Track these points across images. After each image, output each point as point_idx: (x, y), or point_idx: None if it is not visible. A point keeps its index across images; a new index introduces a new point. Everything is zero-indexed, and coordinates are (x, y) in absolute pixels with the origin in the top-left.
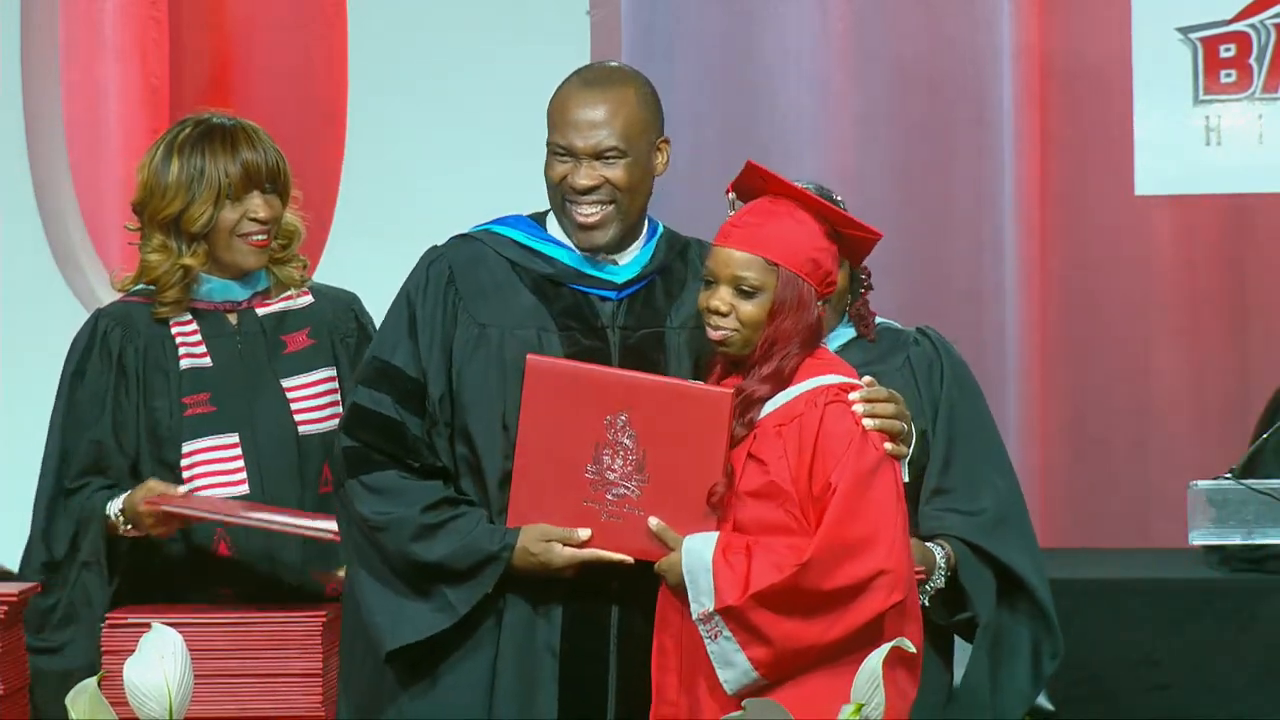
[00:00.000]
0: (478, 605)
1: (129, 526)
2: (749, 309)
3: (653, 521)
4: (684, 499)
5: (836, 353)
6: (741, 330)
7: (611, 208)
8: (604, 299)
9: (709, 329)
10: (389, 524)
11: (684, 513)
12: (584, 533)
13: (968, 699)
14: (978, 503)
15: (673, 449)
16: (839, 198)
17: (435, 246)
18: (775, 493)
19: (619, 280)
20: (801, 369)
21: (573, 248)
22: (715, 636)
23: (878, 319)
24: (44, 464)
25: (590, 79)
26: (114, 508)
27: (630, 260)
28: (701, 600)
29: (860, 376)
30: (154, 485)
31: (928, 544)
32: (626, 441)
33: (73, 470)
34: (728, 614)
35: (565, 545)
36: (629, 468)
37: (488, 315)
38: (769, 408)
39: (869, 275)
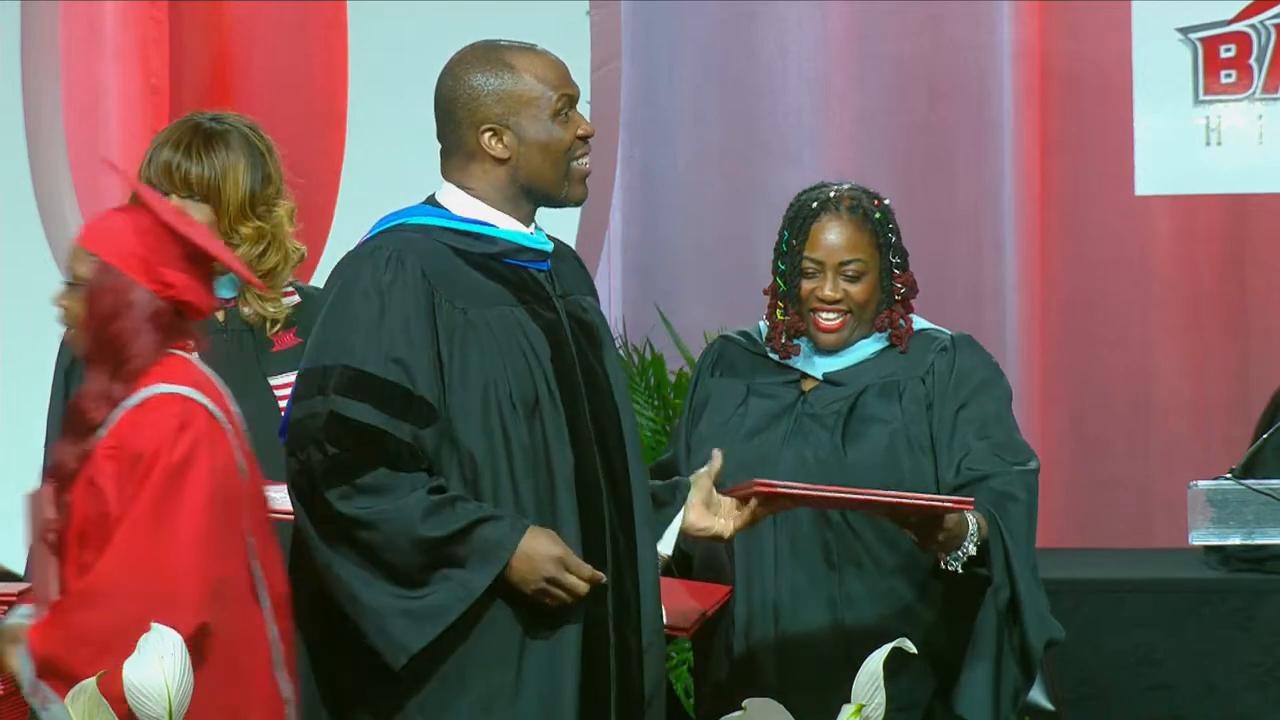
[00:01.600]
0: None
1: None
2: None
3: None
4: None
5: (867, 362)
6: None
7: None
8: (539, 270)
9: None
10: (393, 516)
11: None
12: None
13: (975, 661)
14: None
15: None
16: (886, 201)
17: (376, 244)
18: (109, 524)
19: (549, 249)
20: (148, 379)
21: (495, 224)
22: (45, 704)
23: (920, 324)
24: (48, 460)
25: (529, 46)
26: None
27: (537, 230)
28: (25, 674)
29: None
30: None
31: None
32: None
33: None
34: (41, 672)
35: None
36: None
37: (464, 300)
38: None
39: (907, 286)
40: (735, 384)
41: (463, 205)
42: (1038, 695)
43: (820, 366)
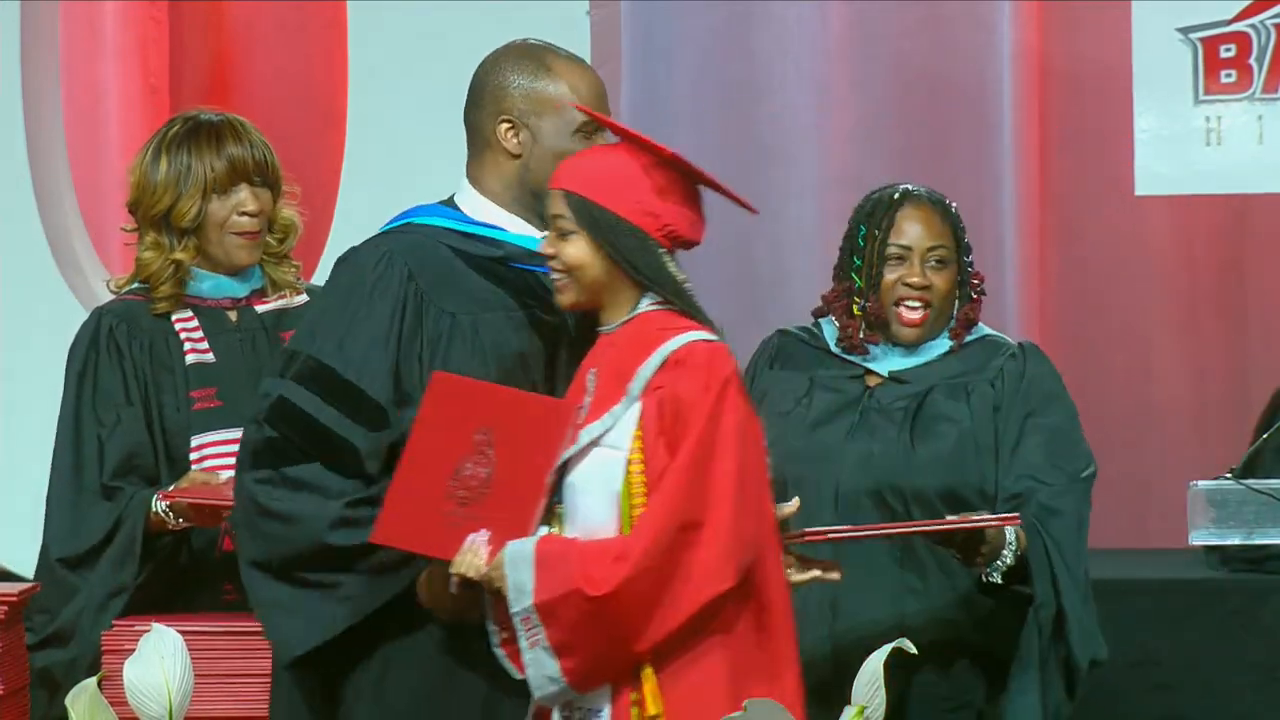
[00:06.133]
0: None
1: (179, 520)
2: None
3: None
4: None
5: (933, 363)
6: None
7: None
8: (543, 274)
9: None
10: (303, 516)
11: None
12: None
13: (1021, 675)
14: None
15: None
16: (953, 205)
17: (375, 243)
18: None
19: None
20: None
21: (504, 228)
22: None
23: (984, 330)
24: (59, 461)
25: (579, 59)
26: (161, 504)
27: None
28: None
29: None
30: (196, 476)
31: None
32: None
33: (108, 469)
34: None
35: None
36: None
37: (454, 304)
38: None
39: (981, 280)
40: (797, 376)
41: (477, 208)
42: None
43: (886, 364)
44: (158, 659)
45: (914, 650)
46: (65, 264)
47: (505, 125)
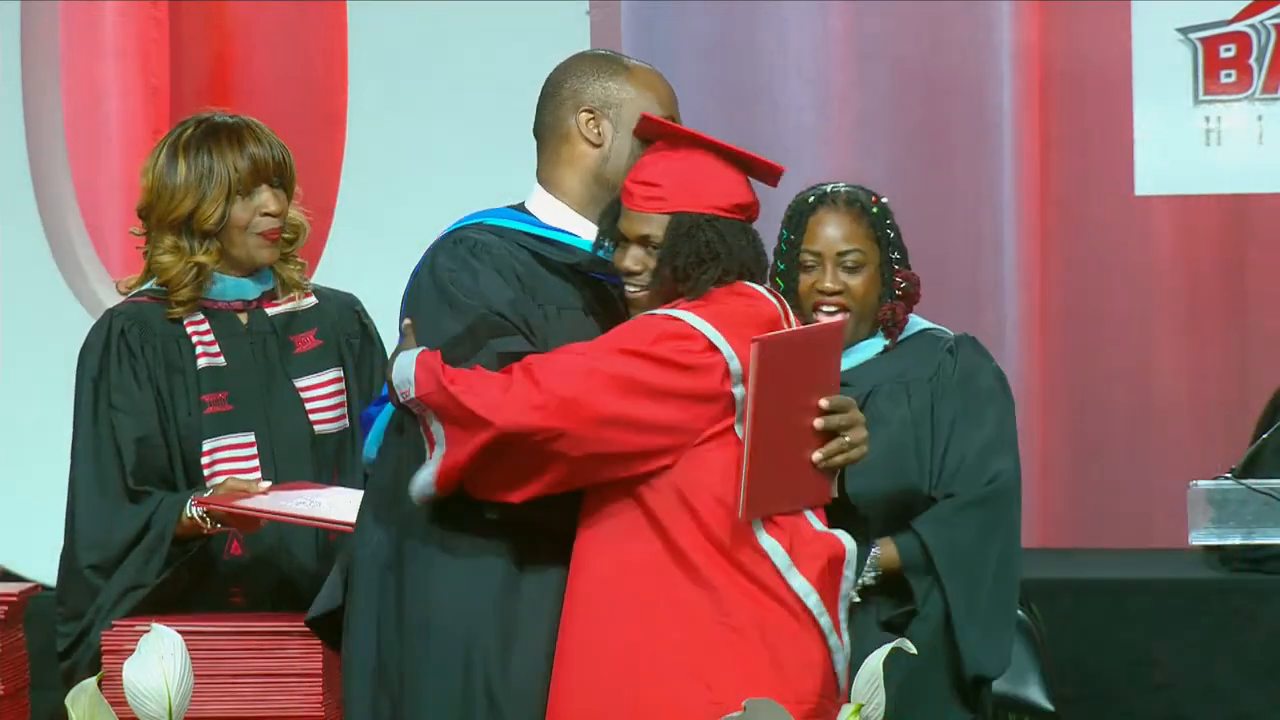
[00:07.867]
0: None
1: (215, 525)
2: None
3: None
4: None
5: (870, 362)
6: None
7: None
8: (614, 284)
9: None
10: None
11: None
12: None
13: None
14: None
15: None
16: (884, 199)
17: (459, 236)
18: None
19: None
20: None
21: (579, 234)
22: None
23: (921, 324)
24: (81, 467)
25: (650, 65)
26: (197, 509)
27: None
28: None
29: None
30: (233, 484)
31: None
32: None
33: (130, 472)
34: None
35: None
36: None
37: (543, 297)
38: None
39: (909, 282)
40: None
41: (551, 213)
42: (1037, 695)
43: None
44: (157, 659)
45: (914, 650)
46: (66, 264)
47: (586, 115)
